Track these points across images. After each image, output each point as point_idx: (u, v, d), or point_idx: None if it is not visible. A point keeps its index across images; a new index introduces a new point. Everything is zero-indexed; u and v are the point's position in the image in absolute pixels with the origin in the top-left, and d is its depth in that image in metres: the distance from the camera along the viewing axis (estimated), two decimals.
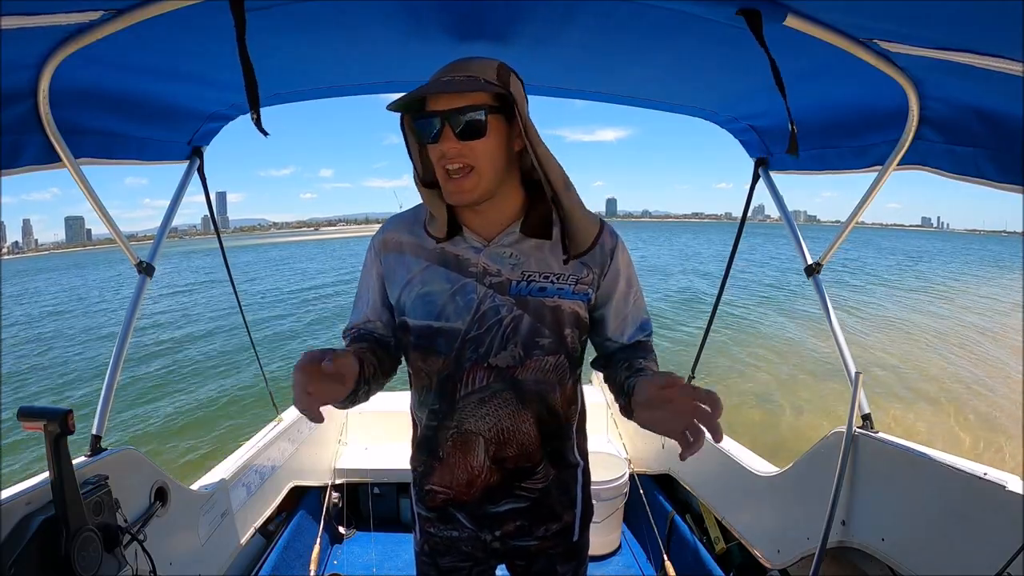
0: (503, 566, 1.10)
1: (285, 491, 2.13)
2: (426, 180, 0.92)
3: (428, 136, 0.84)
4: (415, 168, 0.92)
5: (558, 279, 0.93)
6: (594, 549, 2.30)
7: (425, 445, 1.00)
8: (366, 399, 0.92)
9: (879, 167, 1.36)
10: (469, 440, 0.95)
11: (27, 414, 0.91)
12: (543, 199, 0.92)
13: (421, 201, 0.99)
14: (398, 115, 0.89)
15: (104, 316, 17.69)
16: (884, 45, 0.93)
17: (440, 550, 1.04)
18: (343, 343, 1.02)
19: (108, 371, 1.35)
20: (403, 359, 1.02)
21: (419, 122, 0.84)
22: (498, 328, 0.91)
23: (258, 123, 0.77)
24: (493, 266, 0.91)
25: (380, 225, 1.05)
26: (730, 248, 1.96)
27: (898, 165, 1.29)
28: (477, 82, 0.83)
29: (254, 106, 0.76)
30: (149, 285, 1.48)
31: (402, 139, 0.92)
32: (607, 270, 0.96)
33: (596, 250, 0.95)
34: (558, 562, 1.04)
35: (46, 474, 0.98)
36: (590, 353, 1.07)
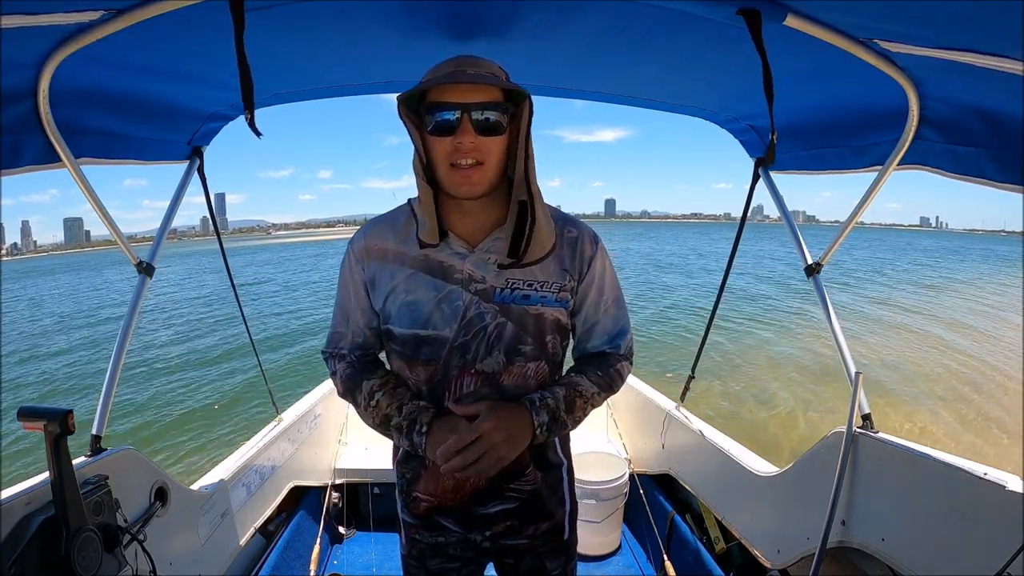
0: (491, 565, 1.10)
1: (285, 491, 2.13)
2: (425, 175, 0.89)
3: (442, 127, 0.82)
4: (420, 159, 0.88)
5: (542, 287, 0.92)
6: (594, 549, 2.30)
7: (411, 452, 0.99)
8: None
9: (879, 167, 1.36)
10: None
11: (27, 414, 0.90)
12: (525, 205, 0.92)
13: (403, 203, 0.99)
14: (398, 115, 0.88)
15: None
16: (884, 45, 0.93)
17: (428, 554, 1.04)
18: (335, 365, 1.01)
19: (108, 371, 1.35)
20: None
21: (434, 112, 0.82)
22: (483, 335, 0.91)
23: (252, 124, 0.78)
24: (478, 273, 0.91)
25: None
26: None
27: (898, 165, 1.29)
28: (500, 80, 0.83)
29: (249, 107, 0.76)
30: (149, 285, 1.48)
31: (403, 140, 0.92)
32: (584, 277, 0.96)
33: (576, 256, 0.95)
34: (547, 558, 1.05)
35: (46, 474, 0.98)
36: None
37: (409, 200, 0.98)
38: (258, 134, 0.80)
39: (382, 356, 1.05)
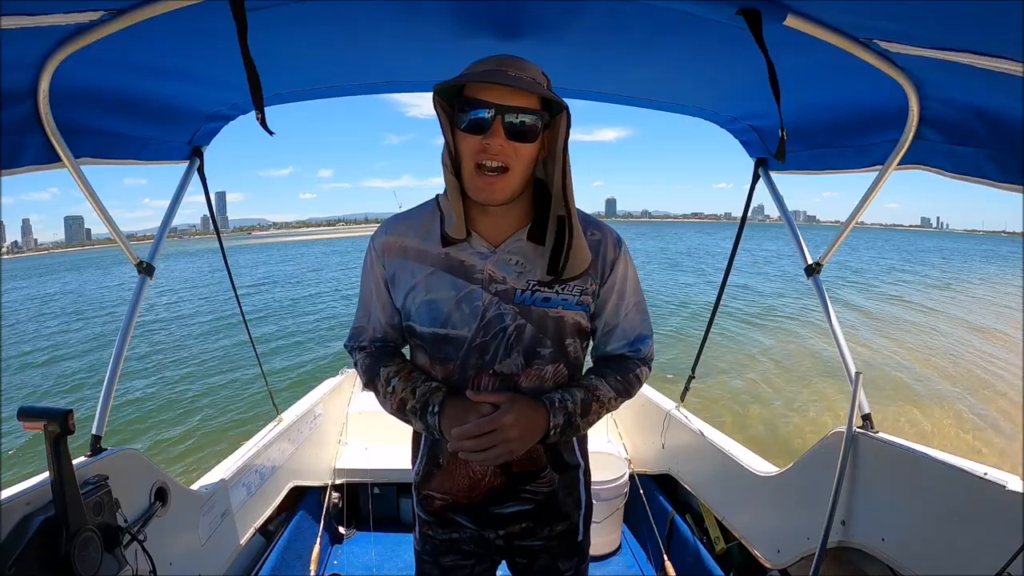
0: (504, 564, 1.10)
1: (285, 491, 2.13)
2: (453, 169, 0.88)
3: (474, 126, 0.81)
4: (449, 152, 0.87)
5: (563, 289, 0.92)
6: (594, 549, 2.29)
7: (427, 451, 1.00)
8: None
9: (879, 167, 1.36)
10: None
11: (27, 414, 0.90)
12: (550, 207, 0.92)
13: (421, 203, 0.99)
14: (398, 115, 0.90)
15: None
16: (884, 45, 0.92)
17: (441, 550, 1.04)
18: (355, 356, 1.02)
19: (108, 371, 1.35)
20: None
21: (468, 109, 0.81)
22: (502, 336, 0.91)
23: (263, 123, 0.77)
24: (499, 273, 0.91)
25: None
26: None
27: (898, 165, 1.29)
28: (542, 87, 0.82)
29: (258, 106, 0.76)
30: (149, 285, 1.48)
31: (403, 140, 0.92)
32: (605, 280, 0.96)
33: (599, 260, 0.95)
34: (560, 559, 1.05)
35: (46, 474, 0.98)
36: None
37: (437, 196, 0.97)
38: (270, 132, 0.81)
39: (404, 351, 1.05)
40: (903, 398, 7.32)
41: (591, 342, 1.03)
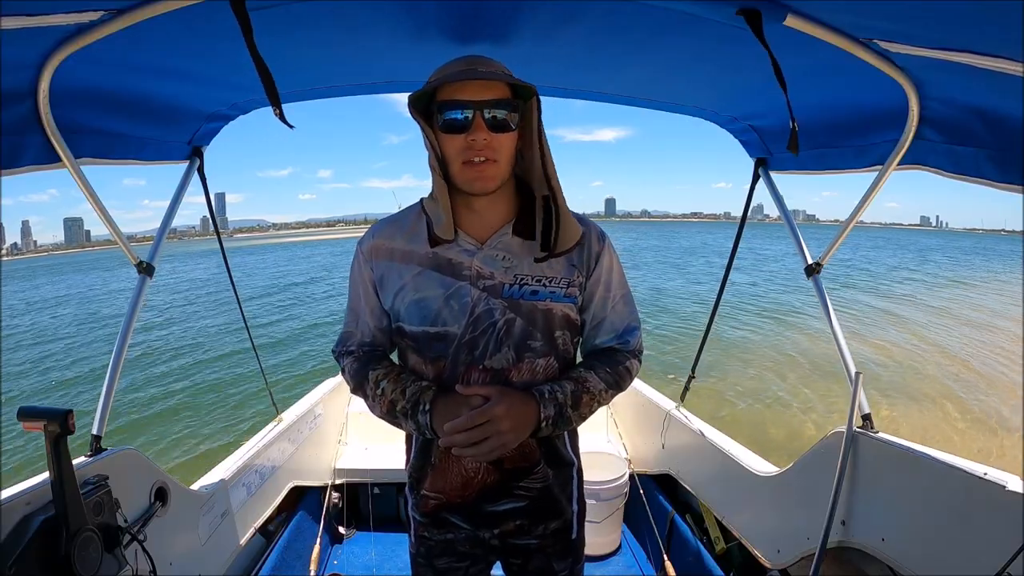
0: (499, 564, 1.10)
1: (285, 491, 2.13)
2: (441, 171, 0.90)
3: (454, 125, 0.84)
4: (436, 156, 0.89)
5: (550, 282, 0.93)
6: (594, 549, 2.30)
7: (419, 450, 1.01)
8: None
9: (879, 167, 1.36)
10: None
11: (27, 414, 0.91)
12: (534, 201, 0.94)
13: (413, 203, 1.00)
14: (398, 115, 0.91)
15: None
16: (884, 45, 0.93)
17: (436, 552, 1.04)
18: (344, 361, 1.03)
19: (108, 372, 1.35)
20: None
21: (445, 110, 0.84)
22: (492, 331, 0.92)
23: (282, 116, 0.78)
24: (486, 269, 0.92)
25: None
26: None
27: (898, 165, 1.29)
28: (510, 76, 0.85)
29: (275, 101, 0.77)
30: (149, 285, 1.48)
31: (402, 139, 0.92)
32: (591, 273, 0.97)
33: (584, 253, 0.96)
34: (555, 559, 1.05)
35: (46, 474, 0.98)
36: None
37: (421, 199, 0.99)
38: (290, 126, 0.82)
39: (393, 356, 1.06)
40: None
41: (581, 337, 1.04)
